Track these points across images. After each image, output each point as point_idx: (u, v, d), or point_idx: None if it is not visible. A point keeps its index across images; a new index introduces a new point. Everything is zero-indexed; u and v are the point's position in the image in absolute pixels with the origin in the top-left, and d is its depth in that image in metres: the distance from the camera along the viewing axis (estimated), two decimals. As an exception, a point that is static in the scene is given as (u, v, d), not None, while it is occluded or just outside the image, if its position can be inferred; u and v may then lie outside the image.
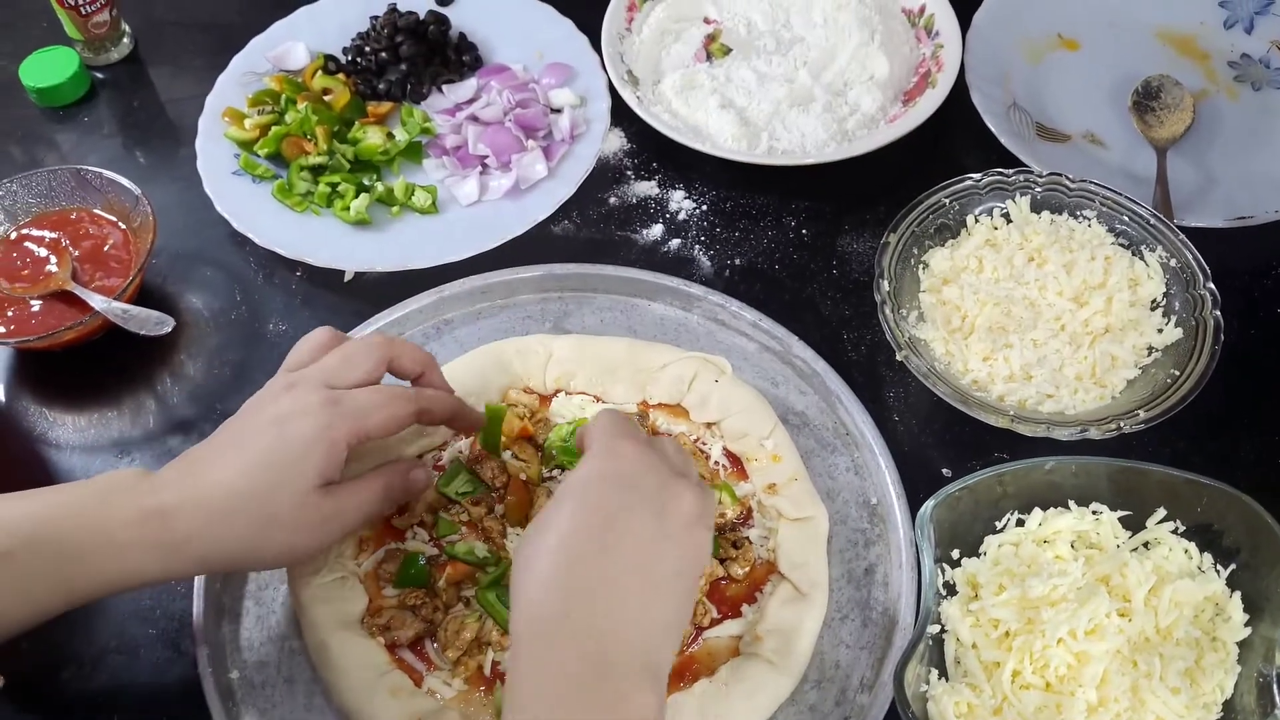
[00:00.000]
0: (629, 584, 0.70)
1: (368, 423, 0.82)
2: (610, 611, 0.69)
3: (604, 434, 0.76)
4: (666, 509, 0.73)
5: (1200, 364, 0.93)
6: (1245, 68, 1.25)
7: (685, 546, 0.73)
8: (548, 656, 0.68)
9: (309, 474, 0.79)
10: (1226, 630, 0.84)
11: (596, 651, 0.68)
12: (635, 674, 0.68)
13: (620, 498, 0.72)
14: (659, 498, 0.73)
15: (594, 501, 0.72)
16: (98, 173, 1.08)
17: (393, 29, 1.24)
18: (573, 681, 0.67)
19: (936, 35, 1.23)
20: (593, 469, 0.74)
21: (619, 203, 1.16)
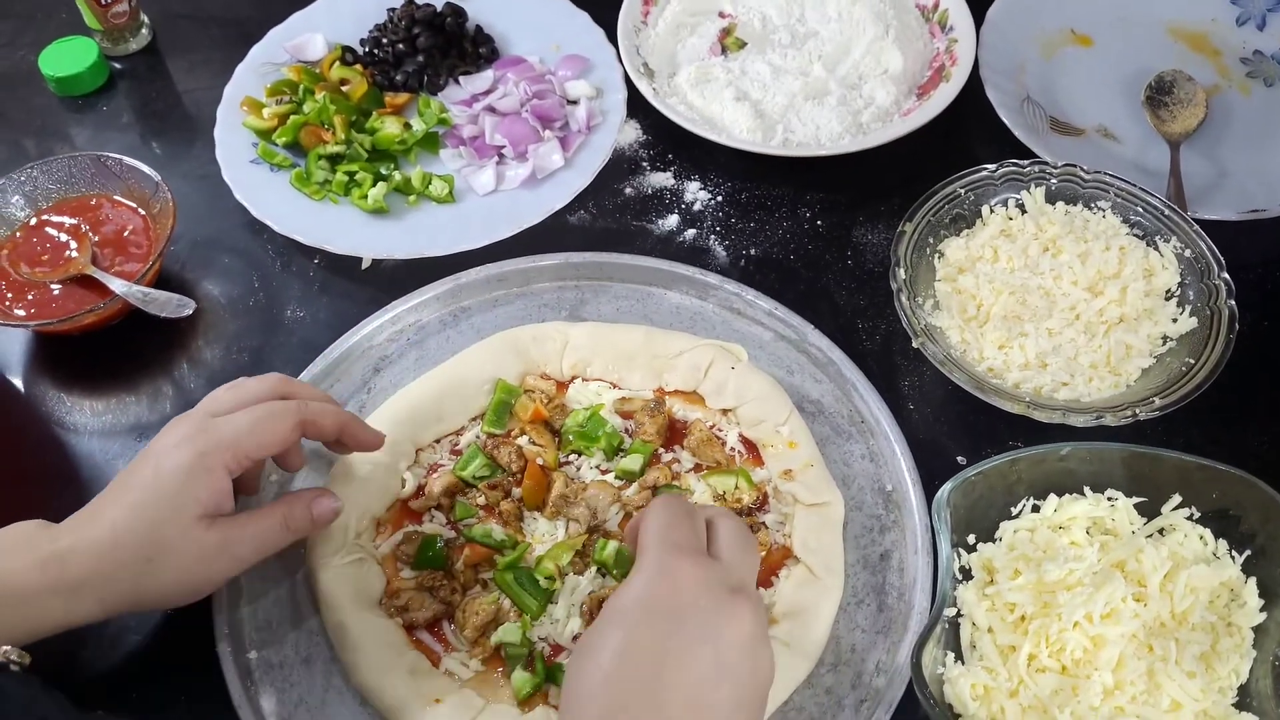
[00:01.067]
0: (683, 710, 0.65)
1: (243, 445, 0.81)
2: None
3: (658, 545, 0.70)
4: (723, 637, 0.67)
5: (1215, 353, 0.93)
6: (1257, 64, 1.25)
7: (744, 674, 0.67)
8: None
9: (189, 506, 0.79)
10: (1242, 615, 0.84)
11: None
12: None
13: (673, 630, 0.66)
14: (714, 625, 0.67)
15: (645, 635, 0.66)
16: (118, 159, 1.09)
17: (410, 21, 1.25)
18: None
19: (950, 30, 1.24)
20: (643, 592, 0.68)
21: (635, 193, 1.16)
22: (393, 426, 0.96)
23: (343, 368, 1.02)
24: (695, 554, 0.70)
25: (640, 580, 0.69)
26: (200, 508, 0.79)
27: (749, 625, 0.68)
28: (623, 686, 0.65)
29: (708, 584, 0.68)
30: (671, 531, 0.71)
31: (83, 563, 0.77)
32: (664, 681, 0.65)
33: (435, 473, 0.95)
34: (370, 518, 0.92)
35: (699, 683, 0.65)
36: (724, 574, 0.70)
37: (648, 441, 0.95)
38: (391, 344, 1.04)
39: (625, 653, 0.66)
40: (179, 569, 0.79)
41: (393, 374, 1.02)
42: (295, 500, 0.85)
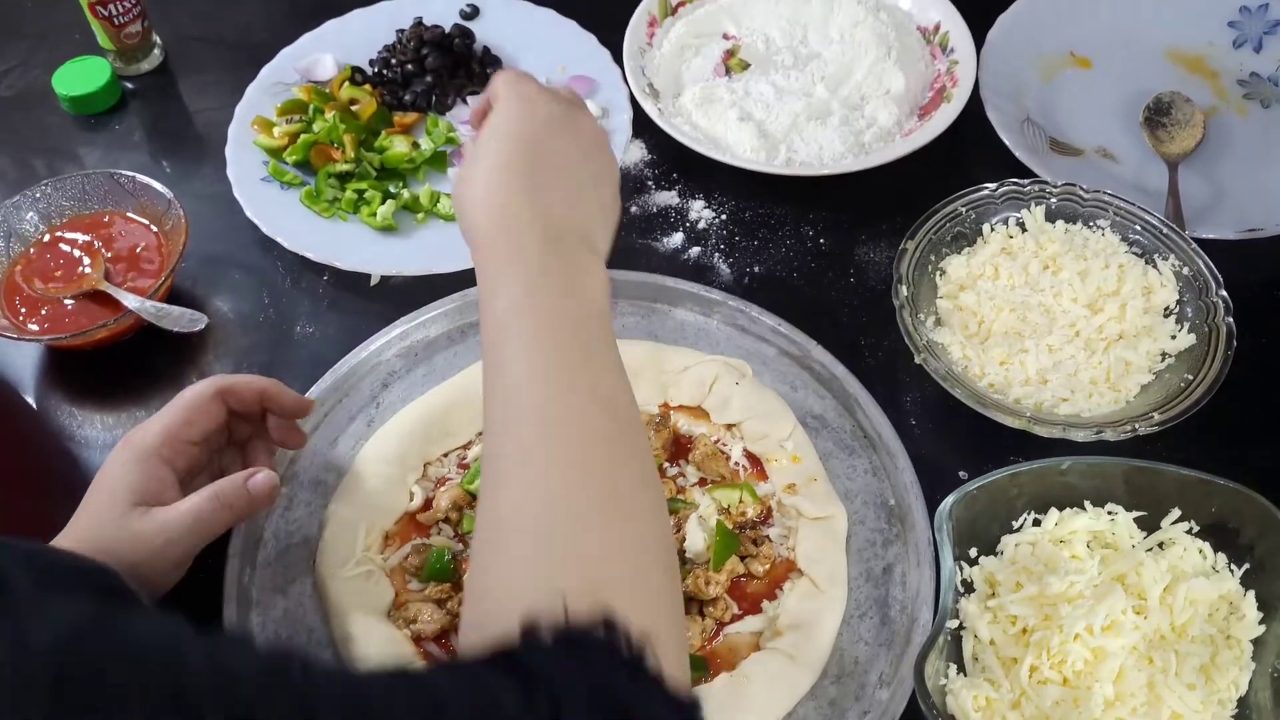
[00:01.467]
0: (561, 183, 0.78)
1: (170, 427, 0.85)
2: (550, 202, 0.76)
3: (508, 85, 0.82)
4: (578, 131, 0.82)
5: (1213, 369, 0.94)
6: (1254, 85, 1.27)
7: (598, 158, 0.82)
8: (505, 244, 0.74)
9: (123, 495, 0.82)
10: (1241, 628, 0.85)
11: (545, 231, 0.74)
12: (582, 247, 0.76)
13: (539, 125, 0.79)
14: (569, 122, 0.81)
15: (516, 130, 0.78)
16: (131, 176, 1.11)
17: (419, 42, 1.27)
18: (533, 255, 0.73)
19: (951, 52, 1.26)
20: (508, 111, 0.80)
21: (640, 211, 1.18)
22: (401, 440, 0.97)
23: (351, 383, 1.03)
24: (538, 82, 0.84)
25: (502, 108, 0.80)
26: (136, 496, 0.82)
27: (593, 125, 0.84)
28: (510, 160, 0.77)
29: (555, 98, 0.82)
30: (516, 78, 0.83)
31: None
32: (541, 152, 0.78)
33: (443, 486, 0.96)
34: (378, 531, 0.93)
35: (567, 154, 0.79)
36: (562, 94, 0.84)
37: (654, 456, 0.96)
38: (400, 360, 1.05)
39: (504, 143, 0.78)
40: (125, 562, 0.79)
41: (401, 389, 1.03)
42: (227, 480, 0.86)
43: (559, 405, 0.68)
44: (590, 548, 0.64)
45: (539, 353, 0.70)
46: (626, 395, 0.72)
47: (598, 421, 0.69)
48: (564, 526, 0.64)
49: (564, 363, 0.70)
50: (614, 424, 0.70)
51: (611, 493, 0.67)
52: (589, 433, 0.68)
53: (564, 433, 0.68)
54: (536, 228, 0.74)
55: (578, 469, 0.67)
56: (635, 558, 0.65)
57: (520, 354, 0.70)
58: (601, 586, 0.61)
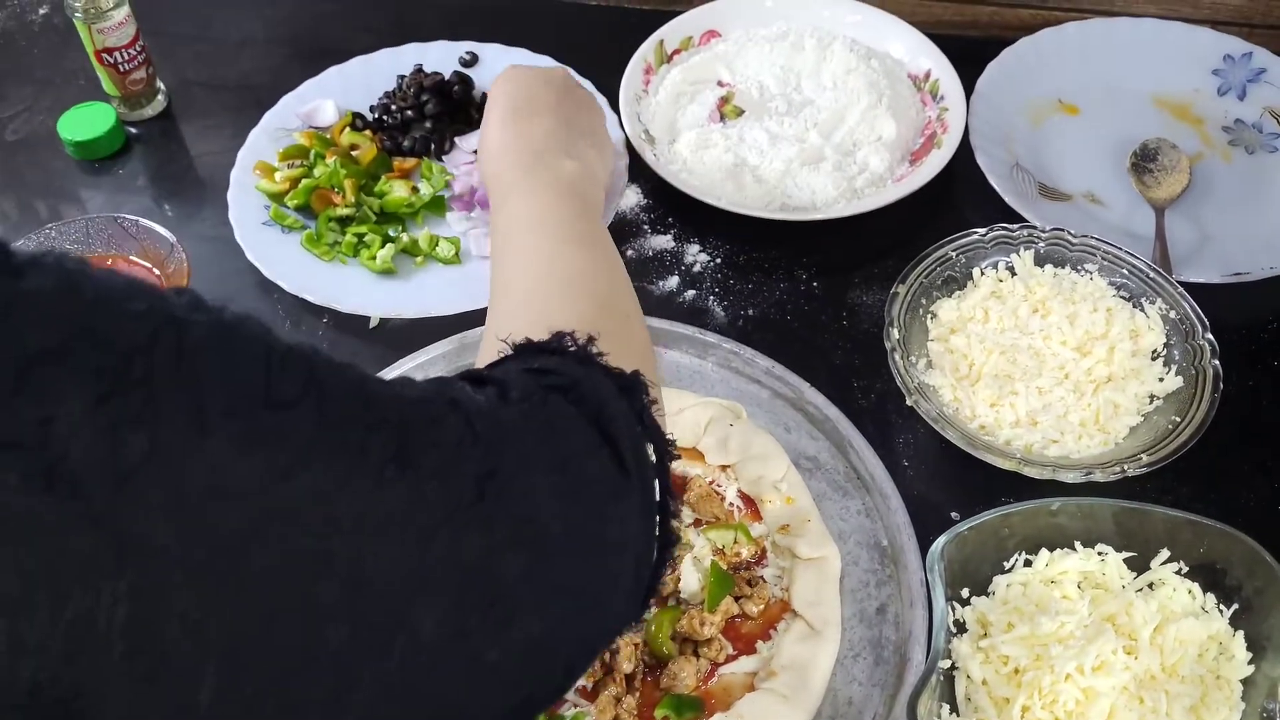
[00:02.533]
0: (548, 111, 1.02)
1: None
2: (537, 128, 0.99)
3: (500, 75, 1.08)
4: (559, 80, 1.08)
5: (1201, 410, 0.96)
6: (1239, 132, 1.29)
7: (579, 95, 1.09)
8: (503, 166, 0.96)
9: None
10: (1230, 669, 0.86)
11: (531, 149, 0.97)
12: (564, 156, 0.96)
13: (527, 81, 1.05)
14: (551, 75, 1.08)
15: (511, 87, 1.04)
16: (134, 221, 1.12)
17: (419, 88, 1.29)
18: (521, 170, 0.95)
19: (942, 99, 1.28)
20: (499, 82, 1.06)
21: (636, 255, 1.20)
22: (399, 481, 0.98)
23: (350, 424, 1.04)
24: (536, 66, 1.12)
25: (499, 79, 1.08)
26: None
27: (568, 76, 1.12)
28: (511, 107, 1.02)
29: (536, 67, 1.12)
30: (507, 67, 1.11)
31: None
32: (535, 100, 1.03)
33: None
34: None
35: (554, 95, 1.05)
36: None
37: (648, 496, 0.97)
38: (398, 401, 1.06)
39: (503, 98, 1.03)
40: None
41: (399, 430, 1.04)
42: None
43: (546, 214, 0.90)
44: (564, 306, 0.78)
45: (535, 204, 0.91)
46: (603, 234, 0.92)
47: (574, 227, 0.90)
48: (542, 290, 0.80)
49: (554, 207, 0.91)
50: (590, 229, 0.90)
51: (585, 272, 0.83)
52: (567, 231, 0.89)
53: (546, 229, 0.89)
54: (523, 148, 0.96)
55: (556, 247, 0.87)
56: (602, 314, 0.77)
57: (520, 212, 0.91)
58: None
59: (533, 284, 0.82)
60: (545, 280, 0.82)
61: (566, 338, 0.65)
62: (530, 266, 0.84)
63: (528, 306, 0.78)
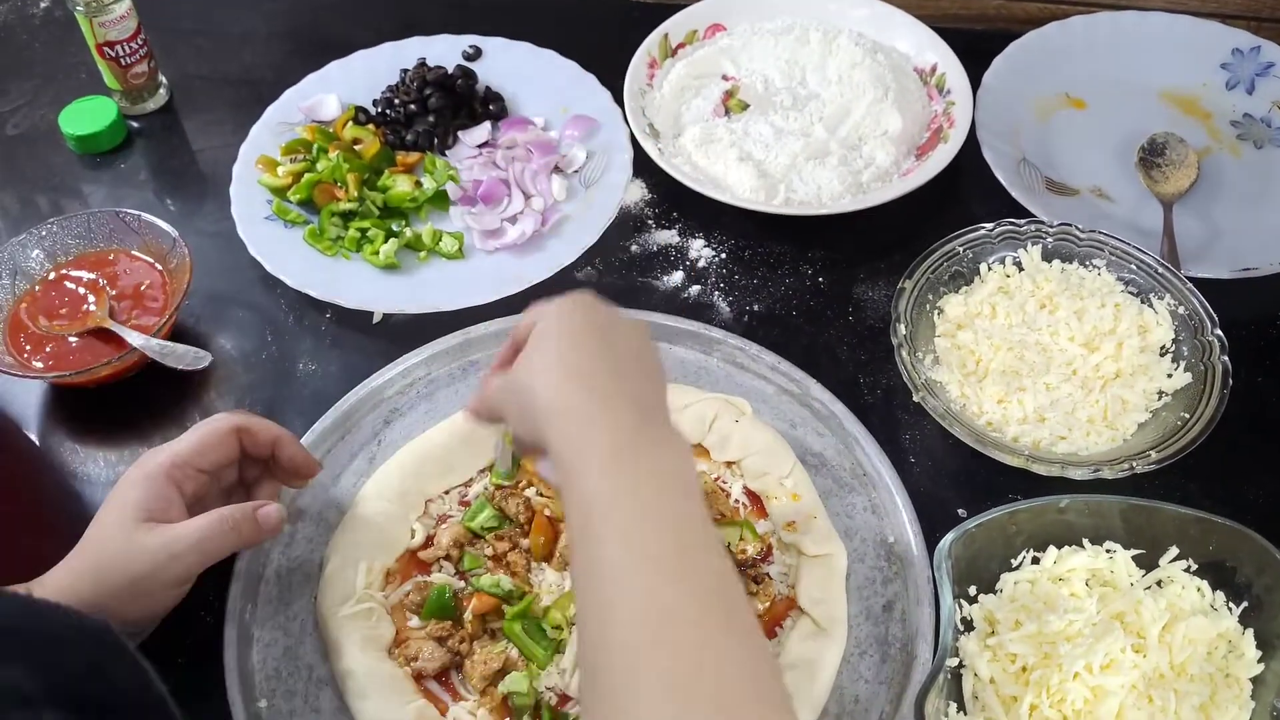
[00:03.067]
0: (630, 365, 0.75)
1: (183, 450, 0.87)
2: (625, 381, 0.73)
3: (543, 306, 0.80)
4: (621, 316, 0.80)
5: (1209, 407, 0.95)
6: (1247, 126, 1.28)
7: (647, 342, 0.80)
8: (593, 423, 0.70)
9: (127, 511, 0.84)
10: (1240, 667, 0.85)
11: (631, 407, 0.72)
12: (665, 420, 0.75)
13: (590, 313, 0.78)
14: (614, 311, 0.80)
15: (572, 319, 0.77)
16: (136, 215, 1.12)
17: (422, 82, 1.28)
18: (623, 431, 0.70)
19: (948, 93, 1.27)
20: (556, 312, 0.78)
21: (640, 250, 1.19)
22: (402, 478, 0.98)
23: (353, 420, 1.04)
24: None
25: (545, 316, 0.78)
26: (142, 513, 0.83)
27: (643, 327, 0.81)
28: (578, 342, 0.75)
29: (602, 302, 0.80)
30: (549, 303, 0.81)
31: (54, 588, 0.81)
32: (608, 334, 0.76)
33: (444, 524, 0.97)
34: (380, 568, 0.93)
35: (629, 338, 0.78)
36: None
37: (653, 493, 0.97)
38: (402, 397, 1.06)
39: (565, 329, 0.76)
40: (126, 575, 0.82)
41: (403, 426, 1.04)
42: (240, 505, 0.87)
43: (664, 596, 0.64)
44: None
45: (636, 535, 0.66)
46: (731, 577, 0.67)
47: (706, 614, 0.64)
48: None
49: (664, 547, 0.65)
50: (722, 614, 0.64)
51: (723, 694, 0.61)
52: (696, 627, 0.63)
53: (672, 629, 0.63)
54: (622, 406, 0.71)
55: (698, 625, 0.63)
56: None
57: (615, 535, 0.66)
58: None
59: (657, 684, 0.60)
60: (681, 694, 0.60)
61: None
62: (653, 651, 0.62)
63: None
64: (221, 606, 0.91)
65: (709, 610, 0.63)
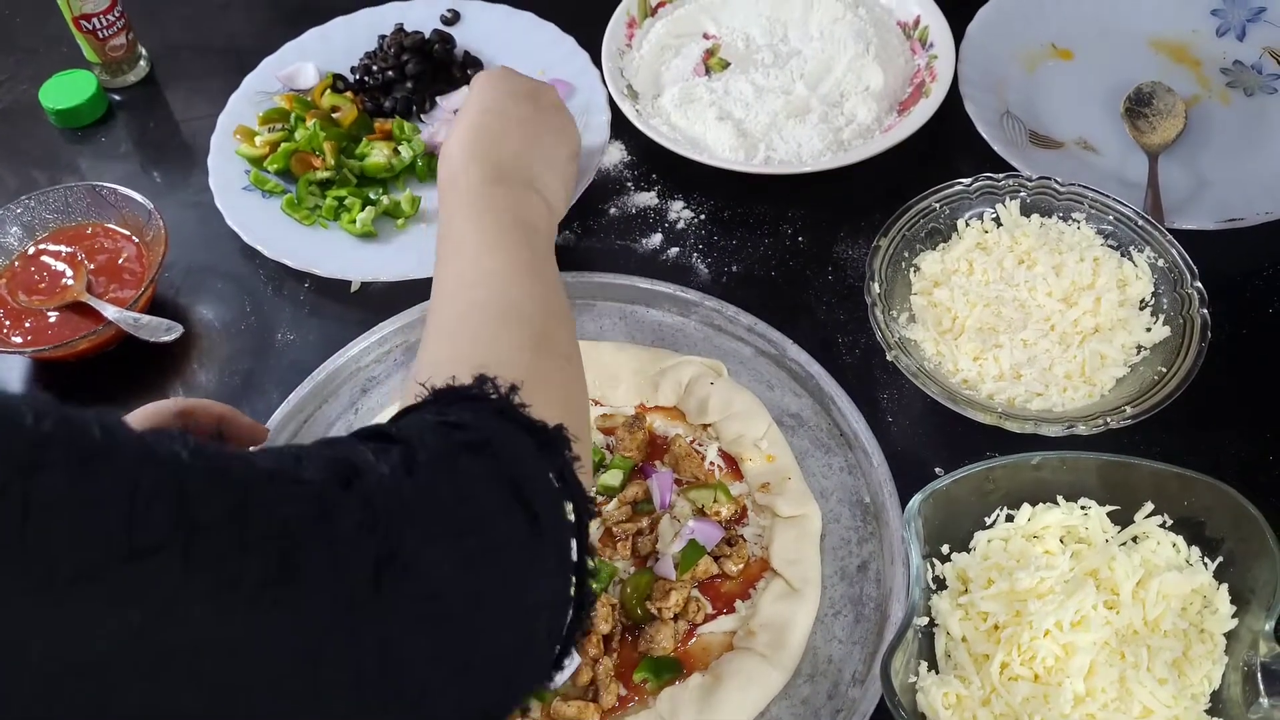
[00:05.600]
0: (518, 132, 0.92)
1: None
2: (504, 149, 0.90)
3: (483, 73, 0.99)
4: (540, 98, 0.98)
5: (1187, 361, 0.94)
6: (1237, 74, 1.26)
7: (556, 119, 0.98)
8: (460, 181, 0.86)
9: None
10: (1214, 622, 0.85)
11: (494, 171, 0.87)
12: (525, 186, 0.88)
13: (501, 92, 0.95)
14: (534, 91, 0.98)
15: (480, 99, 0.94)
16: (112, 189, 1.12)
17: (399, 48, 1.27)
18: (477, 190, 0.86)
19: (931, 47, 1.25)
20: (477, 86, 0.96)
21: (619, 213, 1.18)
22: (379, 446, 0.98)
23: (330, 389, 1.04)
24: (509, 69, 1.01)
25: (475, 84, 0.97)
26: None
27: (554, 93, 1.01)
28: (479, 119, 0.92)
29: (521, 76, 1.00)
30: (490, 69, 1.02)
31: None
32: (505, 112, 0.93)
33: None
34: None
35: (528, 112, 0.95)
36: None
37: (628, 457, 0.97)
38: (379, 365, 1.06)
39: (475, 106, 0.94)
40: None
41: (380, 395, 1.04)
42: None
43: (493, 240, 0.82)
44: (494, 342, 0.73)
45: (483, 227, 0.83)
46: (550, 271, 0.84)
47: (518, 256, 0.81)
48: (474, 321, 0.75)
49: (502, 236, 0.82)
50: (535, 263, 0.82)
51: (523, 307, 0.77)
52: (511, 261, 0.80)
53: (489, 255, 0.81)
54: (486, 168, 0.87)
55: (496, 276, 0.79)
56: (537, 354, 0.73)
57: (467, 232, 0.83)
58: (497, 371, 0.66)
59: (465, 311, 0.76)
60: (479, 310, 0.76)
61: (488, 383, 0.62)
62: (465, 292, 0.78)
63: (456, 338, 0.74)
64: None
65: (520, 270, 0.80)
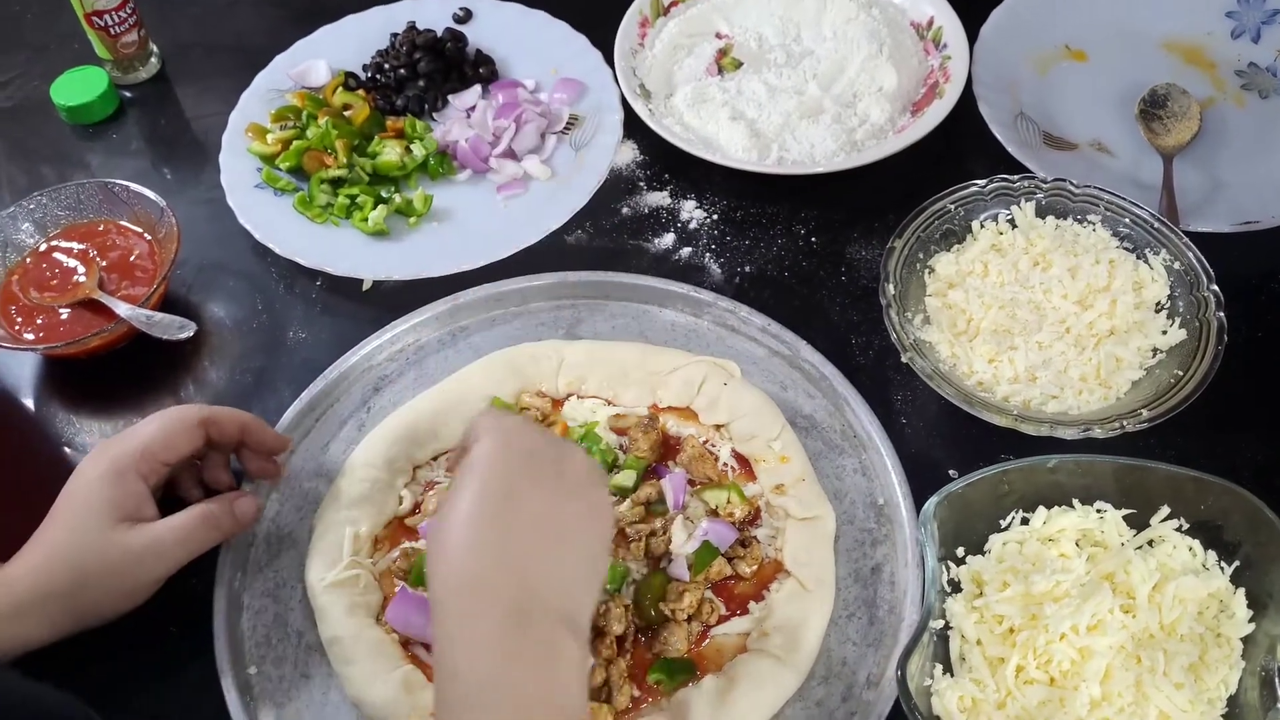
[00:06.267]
0: (538, 540, 0.71)
1: (152, 446, 0.86)
2: (525, 566, 0.70)
3: (490, 419, 0.77)
4: (564, 471, 0.75)
5: (1204, 364, 0.93)
6: (1252, 76, 1.26)
7: (587, 502, 0.75)
8: (469, 613, 0.68)
9: (105, 509, 0.83)
10: (1230, 626, 0.84)
11: (515, 603, 0.68)
12: (555, 624, 0.69)
13: (520, 465, 0.73)
14: (555, 462, 0.75)
15: (497, 471, 0.72)
16: (124, 186, 1.11)
17: (411, 46, 1.27)
18: (497, 633, 0.67)
19: (944, 47, 1.25)
20: (487, 447, 0.74)
21: (631, 212, 1.18)
22: (391, 444, 0.97)
23: (342, 387, 1.04)
24: (523, 417, 0.83)
25: (481, 443, 0.74)
26: (119, 512, 0.84)
27: (584, 463, 0.77)
28: (485, 508, 0.71)
29: (541, 432, 0.79)
30: (499, 413, 0.83)
31: (23, 584, 0.82)
32: (519, 499, 0.72)
33: (432, 490, 0.97)
34: (368, 534, 0.94)
35: (549, 500, 0.73)
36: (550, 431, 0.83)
37: (641, 457, 0.96)
38: (391, 363, 1.06)
39: (481, 487, 0.72)
40: (108, 574, 0.83)
41: (392, 393, 1.04)
42: (218, 500, 0.90)
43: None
44: None
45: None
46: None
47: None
48: None
49: None
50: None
51: None
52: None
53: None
54: (504, 599, 0.68)
55: None
56: None
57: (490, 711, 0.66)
58: None
59: None
60: None
61: None
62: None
63: None
64: (211, 574, 0.92)
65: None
